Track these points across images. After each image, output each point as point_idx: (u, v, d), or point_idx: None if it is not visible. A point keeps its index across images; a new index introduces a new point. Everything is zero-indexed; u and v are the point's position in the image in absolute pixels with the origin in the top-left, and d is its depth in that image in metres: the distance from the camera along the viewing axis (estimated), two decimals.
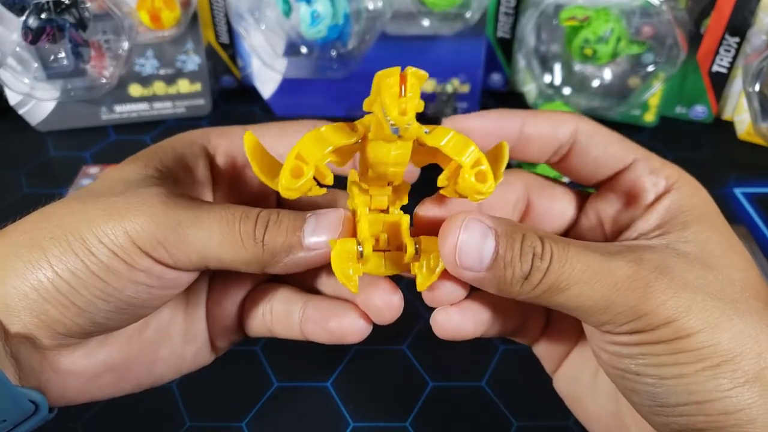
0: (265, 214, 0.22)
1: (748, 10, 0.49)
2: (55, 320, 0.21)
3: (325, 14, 0.47)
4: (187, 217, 0.21)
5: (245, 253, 0.22)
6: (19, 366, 0.21)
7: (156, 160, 0.24)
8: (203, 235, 0.21)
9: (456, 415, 0.33)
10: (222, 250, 0.22)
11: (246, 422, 0.32)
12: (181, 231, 0.21)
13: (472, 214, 0.21)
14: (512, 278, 0.20)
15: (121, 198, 0.22)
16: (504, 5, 0.54)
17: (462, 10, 0.51)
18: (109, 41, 0.50)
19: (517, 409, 0.33)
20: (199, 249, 0.21)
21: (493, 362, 0.35)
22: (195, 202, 0.22)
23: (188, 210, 0.22)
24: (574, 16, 0.48)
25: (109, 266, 0.21)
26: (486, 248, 0.20)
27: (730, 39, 0.50)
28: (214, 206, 0.22)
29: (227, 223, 0.22)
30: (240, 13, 0.51)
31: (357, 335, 0.24)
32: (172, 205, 0.22)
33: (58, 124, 0.54)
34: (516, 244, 0.20)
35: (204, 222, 0.22)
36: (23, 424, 0.21)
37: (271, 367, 0.35)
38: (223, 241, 0.22)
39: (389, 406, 0.33)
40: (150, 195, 0.22)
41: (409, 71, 0.18)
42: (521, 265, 0.20)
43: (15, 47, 0.47)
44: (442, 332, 0.24)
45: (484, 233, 0.20)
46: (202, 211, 0.22)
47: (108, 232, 0.21)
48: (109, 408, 0.33)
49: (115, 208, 0.21)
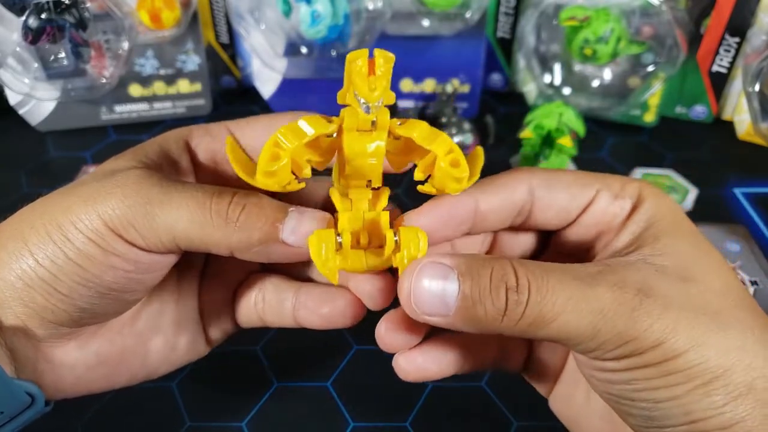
0: (243, 194, 0.22)
1: (748, 10, 0.49)
2: (43, 307, 0.21)
3: (325, 14, 0.47)
4: (158, 196, 0.21)
5: (218, 234, 0.21)
6: (14, 357, 0.21)
7: (141, 154, 0.24)
8: (173, 213, 0.21)
9: (456, 415, 0.33)
10: (191, 229, 0.21)
11: (246, 422, 0.32)
12: (149, 209, 0.21)
13: (429, 257, 0.20)
14: (486, 316, 0.19)
15: (98, 183, 0.22)
16: (504, 5, 0.54)
17: (462, 10, 0.51)
18: (109, 41, 0.50)
19: (517, 409, 0.33)
20: (169, 228, 0.21)
21: None
22: (171, 181, 0.22)
23: (161, 189, 0.21)
24: (574, 16, 0.48)
25: (84, 252, 0.21)
26: (449, 291, 0.19)
27: (730, 39, 0.50)
28: (189, 184, 0.22)
29: (197, 200, 0.21)
30: (240, 13, 0.51)
31: (350, 319, 0.25)
32: (146, 185, 0.21)
33: (58, 124, 0.54)
34: (483, 280, 0.19)
35: (174, 200, 0.21)
36: (19, 417, 0.21)
37: (271, 367, 0.35)
38: (192, 219, 0.21)
39: (389, 406, 0.33)
40: (125, 177, 0.22)
41: (376, 52, 0.20)
42: (492, 300, 0.19)
43: (15, 47, 0.47)
44: (404, 375, 0.24)
45: (445, 274, 0.19)
46: (174, 190, 0.21)
47: (82, 217, 0.21)
48: (109, 408, 0.33)
49: (90, 193, 0.22)
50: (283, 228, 0.21)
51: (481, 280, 0.19)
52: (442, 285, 0.19)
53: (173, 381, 0.34)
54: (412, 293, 0.20)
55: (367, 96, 0.19)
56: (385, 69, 0.19)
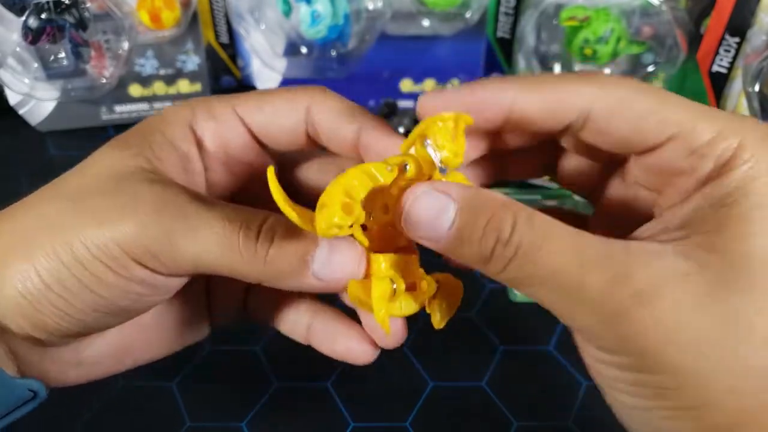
0: (270, 225, 0.20)
1: (749, 10, 0.49)
2: (51, 326, 0.21)
3: (325, 14, 0.47)
4: (181, 228, 0.20)
5: (245, 267, 0.20)
6: (18, 360, 0.21)
7: (146, 149, 0.22)
8: (198, 247, 0.20)
9: (456, 415, 0.33)
10: (219, 263, 0.20)
11: (246, 422, 0.32)
12: (173, 241, 0.20)
13: (432, 184, 0.19)
14: (472, 257, 0.19)
15: (112, 200, 0.20)
16: (504, 5, 0.54)
17: (462, 10, 0.51)
18: (109, 41, 0.50)
19: (517, 409, 0.33)
20: (193, 261, 0.20)
21: (493, 362, 0.35)
22: (189, 204, 0.20)
23: (182, 217, 0.20)
24: (574, 16, 0.48)
25: (102, 280, 0.20)
26: (443, 221, 0.19)
27: (730, 39, 0.50)
28: (212, 211, 0.20)
29: (225, 234, 0.20)
30: (240, 13, 0.51)
31: (363, 359, 0.25)
32: (166, 212, 0.20)
33: (58, 124, 0.54)
34: (478, 222, 0.18)
35: (199, 232, 0.20)
36: (20, 409, 0.21)
37: (271, 367, 0.35)
38: (221, 255, 0.20)
39: (389, 406, 0.33)
40: (142, 196, 0.20)
41: (462, 117, 0.20)
42: (480, 246, 0.18)
43: (15, 47, 0.47)
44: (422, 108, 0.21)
45: (443, 206, 0.19)
46: (197, 219, 0.20)
47: (98, 242, 0.20)
48: (109, 408, 0.33)
49: (105, 212, 0.20)
50: (313, 261, 0.20)
51: (477, 222, 0.18)
52: (436, 214, 0.19)
53: (173, 381, 0.34)
54: (407, 215, 0.19)
55: (451, 161, 0.20)
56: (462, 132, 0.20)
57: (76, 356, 0.23)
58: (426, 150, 0.20)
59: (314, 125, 0.23)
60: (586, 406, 0.33)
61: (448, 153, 0.20)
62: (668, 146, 0.19)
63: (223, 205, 0.21)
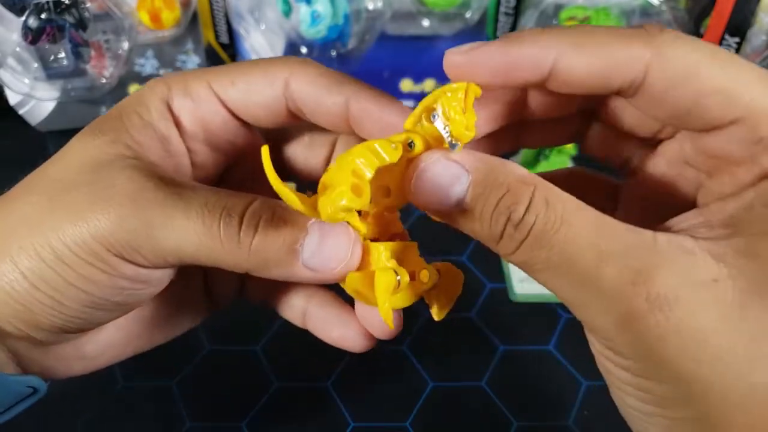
0: (255, 211, 0.19)
1: (748, 10, 0.49)
2: (46, 324, 0.20)
3: (325, 14, 0.47)
4: (158, 217, 0.19)
5: (228, 258, 0.19)
6: (19, 358, 0.21)
7: (124, 133, 0.21)
8: (177, 237, 0.19)
9: (456, 415, 0.33)
10: (200, 254, 0.19)
11: (246, 422, 0.32)
12: (152, 233, 0.19)
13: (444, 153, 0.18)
14: (482, 234, 0.17)
15: (88, 193, 0.19)
16: (504, 5, 0.54)
17: (462, 10, 0.51)
18: (109, 41, 0.50)
19: (517, 409, 0.33)
20: (175, 252, 0.19)
21: (493, 362, 0.35)
22: (166, 191, 0.19)
23: (159, 206, 0.19)
24: (574, 16, 0.48)
25: (87, 277, 0.19)
26: (456, 191, 0.17)
27: (730, 39, 0.50)
28: (189, 198, 0.19)
29: (204, 222, 0.19)
30: (240, 13, 0.51)
31: (359, 348, 0.24)
32: (143, 202, 0.19)
33: (58, 124, 0.54)
34: (492, 197, 0.17)
35: (177, 222, 0.19)
36: (19, 405, 0.21)
37: (271, 367, 0.35)
38: (200, 245, 0.19)
39: (389, 406, 0.33)
40: (118, 186, 0.19)
41: (471, 87, 0.18)
42: (490, 223, 0.17)
43: (15, 47, 0.47)
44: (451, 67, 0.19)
45: (456, 175, 0.17)
46: (174, 207, 0.19)
47: (77, 239, 0.19)
48: (109, 408, 0.33)
49: (82, 207, 0.19)
50: (302, 251, 0.19)
51: (489, 197, 0.17)
52: (448, 184, 0.17)
53: (173, 381, 0.34)
54: (417, 183, 0.18)
55: (462, 135, 0.18)
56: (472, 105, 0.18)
57: (78, 352, 0.23)
58: (434, 124, 0.18)
59: (294, 99, 0.21)
60: (586, 406, 0.33)
61: (459, 126, 0.17)
62: (730, 129, 0.16)
63: (203, 190, 0.19)
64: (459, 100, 0.18)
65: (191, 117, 0.22)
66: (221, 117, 0.22)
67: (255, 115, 0.22)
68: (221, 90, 0.22)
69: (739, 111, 0.16)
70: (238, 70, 0.22)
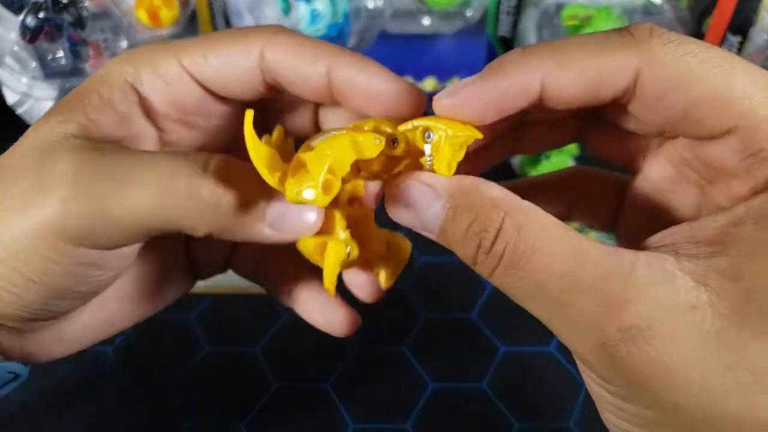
0: (219, 166, 0.18)
1: (750, 8, 0.49)
2: (13, 316, 0.19)
3: (325, 13, 0.47)
4: (107, 189, 0.17)
5: (193, 218, 0.18)
6: None
7: (79, 112, 0.19)
8: (132, 207, 0.17)
9: (456, 416, 0.33)
10: (161, 219, 0.18)
11: (245, 423, 0.32)
12: (103, 210, 0.17)
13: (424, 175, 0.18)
14: (460, 257, 0.17)
15: (32, 179, 0.18)
16: (505, 4, 0.54)
17: (462, 9, 0.50)
18: (107, 40, 0.50)
19: (518, 410, 0.33)
20: (133, 223, 0.18)
21: (493, 363, 0.35)
22: (115, 160, 0.18)
23: (107, 178, 0.17)
24: (575, 15, 0.48)
25: (44, 270, 0.18)
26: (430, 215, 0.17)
27: (732, 38, 0.50)
28: (143, 162, 0.18)
29: (162, 183, 0.17)
30: (239, 11, 0.51)
31: (344, 333, 0.24)
32: (86, 178, 0.17)
33: None
34: (462, 223, 0.16)
35: (129, 189, 0.17)
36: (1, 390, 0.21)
37: (270, 367, 0.35)
38: (159, 208, 0.17)
39: (389, 407, 0.33)
40: (60, 167, 0.18)
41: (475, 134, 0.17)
42: (464, 249, 0.16)
43: (13, 46, 0.47)
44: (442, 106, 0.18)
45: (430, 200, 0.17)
46: (126, 176, 0.17)
47: (26, 231, 0.17)
48: (108, 408, 0.33)
49: (25, 196, 0.18)
50: (269, 214, 0.18)
51: (460, 223, 0.16)
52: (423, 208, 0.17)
53: (173, 381, 0.34)
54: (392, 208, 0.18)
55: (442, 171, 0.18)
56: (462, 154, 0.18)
57: (58, 336, 0.22)
58: (424, 143, 0.18)
59: (270, 71, 0.20)
60: (587, 407, 0.32)
61: (442, 162, 0.18)
62: (726, 139, 0.16)
63: (156, 154, 0.18)
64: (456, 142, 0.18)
65: (164, 99, 0.21)
66: (196, 95, 0.21)
67: (231, 90, 0.21)
68: (194, 67, 0.20)
69: (734, 120, 0.15)
70: (209, 43, 0.20)
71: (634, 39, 0.16)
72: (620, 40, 0.16)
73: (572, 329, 0.15)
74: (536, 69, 0.16)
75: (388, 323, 0.36)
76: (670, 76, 0.15)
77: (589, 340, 0.15)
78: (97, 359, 0.35)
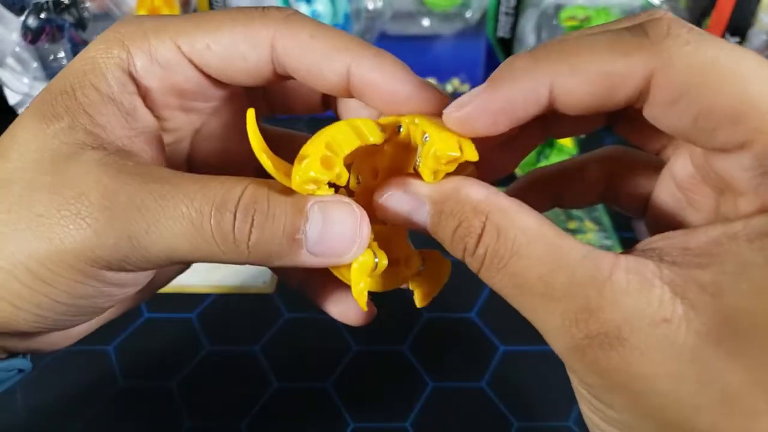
0: (249, 201, 0.17)
1: (749, 9, 0.49)
2: (27, 329, 0.19)
3: (325, 14, 0.47)
4: (141, 224, 0.16)
5: (225, 257, 0.17)
6: (3, 344, 0.20)
7: (82, 115, 0.18)
8: (166, 243, 0.17)
9: (456, 416, 0.33)
10: (195, 256, 0.17)
11: (245, 423, 0.32)
12: (137, 244, 0.17)
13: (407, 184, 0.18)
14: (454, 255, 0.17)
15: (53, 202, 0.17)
16: (504, 5, 0.54)
17: (462, 10, 0.51)
18: None
19: (518, 409, 0.33)
20: (166, 256, 0.17)
21: (493, 363, 0.35)
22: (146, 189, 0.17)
23: (138, 212, 0.16)
24: (574, 15, 0.48)
25: (73, 293, 0.17)
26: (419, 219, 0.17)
27: (730, 39, 0.50)
28: (173, 195, 0.17)
29: (193, 224, 0.16)
30: None
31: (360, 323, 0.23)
32: (119, 209, 0.16)
33: None
34: (448, 226, 0.17)
35: (162, 226, 0.16)
36: (5, 383, 0.21)
37: (271, 367, 0.35)
38: (193, 249, 0.17)
39: (389, 407, 0.33)
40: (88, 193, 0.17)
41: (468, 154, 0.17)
42: (452, 250, 0.17)
43: (15, 47, 0.47)
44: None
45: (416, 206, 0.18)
46: (156, 210, 0.16)
47: (53, 257, 0.17)
48: (109, 408, 0.33)
49: (49, 220, 0.17)
50: (305, 239, 0.17)
51: (446, 229, 0.17)
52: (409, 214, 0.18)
53: (173, 381, 0.34)
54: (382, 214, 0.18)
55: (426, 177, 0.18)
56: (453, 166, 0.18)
57: (65, 336, 0.22)
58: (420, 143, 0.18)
59: (282, 63, 0.19)
60: None
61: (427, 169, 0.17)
62: (737, 155, 0.15)
63: (184, 181, 0.17)
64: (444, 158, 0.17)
65: (162, 86, 0.19)
66: (194, 81, 0.20)
67: (236, 79, 0.20)
68: (195, 54, 0.19)
69: (748, 134, 0.14)
70: (211, 28, 0.19)
71: (648, 39, 0.15)
72: (633, 40, 0.15)
73: (548, 330, 0.15)
74: (545, 75, 0.16)
75: (388, 323, 0.36)
76: (683, 82, 0.14)
77: (563, 341, 0.15)
78: (98, 359, 0.35)
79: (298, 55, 0.18)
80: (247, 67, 0.19)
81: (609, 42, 0.15)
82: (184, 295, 0.38)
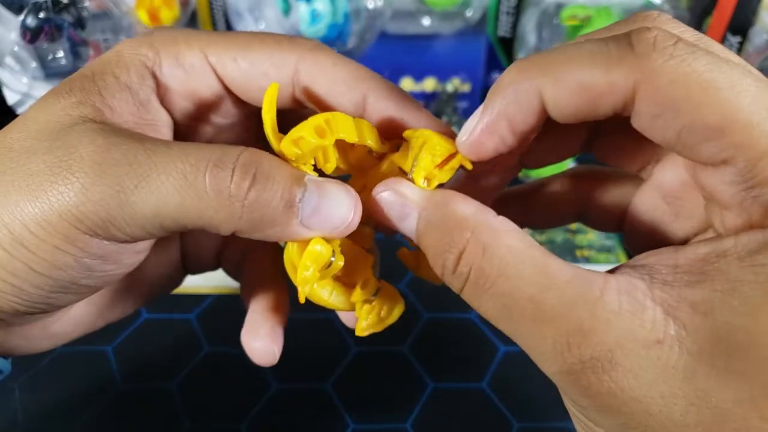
0: (248, 161, 0.16)
1: (750, 9, 0.49)
2: (6, 308, 0.18)
3: (325, 13, 0.47)
4: (131, 178, 0.16)
5: (217, 215, 0.16)
6: None
7: (94, 95, 0.18)
8: (156, 198, 0.16)
9: (456, 416, 0.33)
10: (184, 215, 0.16)
11: (245, 424, 0.32)
12: (125, 200, 0.16)
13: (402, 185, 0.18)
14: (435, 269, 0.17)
15: (48, 162, 0.16)
16: (505, 4, 0.54)
17: (462, 9, 0.50)
18: (107, 40, 0.50)
19: (518, 410, 0.33)
20: (154, 215, 0.16)
21: (493, 363, 0.35)
22: (139, 148, 0.16)
23: (129, 166, 0.16)
24: (575, 15, 0.48)
25: (53, 262, 0.17)
26: (408, 224, 0.17)
27: (731, 38, 0.50)
28: (167, 151, 0.16)
29: (186, 177, 0.16)
30: (239, 11, 0.51)
31: (259, 362, 0.23)
32: (109, 164, 0.16)
33: None
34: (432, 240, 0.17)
35: (153, 180, 0.16)
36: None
37: (270, 368, 0.35)
38: (182, 203, 0.16)
39: (389, 408, 0.33)
40: (80, 151, 0.16)
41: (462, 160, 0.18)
42: (433, 264, 0.17)
43: (13, 46, 0.47)
44: None
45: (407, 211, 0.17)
46: (149, 164, 0.16)
47: (38, 218, 0.16)
48: (108, 409, 0.33)
49: (41, 180, 0.16)
50: (302, 207, 0.17)
51: (430, 240, 0.17)
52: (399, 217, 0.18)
53: (173, 382, 0.34)
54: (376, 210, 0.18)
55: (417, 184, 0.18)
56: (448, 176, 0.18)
57: (44, 331, 0.22)
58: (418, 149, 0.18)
59: (303, 89, 0.20)
60: None
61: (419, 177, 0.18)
62: (721, 170, 0.15)
63: (181, 144, 0.17)
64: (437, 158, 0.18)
65: (182, 88, 0.20)
66: (215, 91, 0.20)
67: (254, 97, 0.20)
68: (220, 65, 0.19)
69: (731, 151, 0.14)
70: (240, 45, 0.19)
71: (632, 53, 0.15)
72: (618, 52, 0.15)
73: (539, 354, 0.15)
74: (532, 86, 0.16)
75: None
76: (665, 96, 0.14)
77: (554, 365, 0.15)
78: (97, 359, 0.35)
79: (320, 79, 0.19)
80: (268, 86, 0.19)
81: (591, 54, 0.15)
82: (184, 296, 0.38)
